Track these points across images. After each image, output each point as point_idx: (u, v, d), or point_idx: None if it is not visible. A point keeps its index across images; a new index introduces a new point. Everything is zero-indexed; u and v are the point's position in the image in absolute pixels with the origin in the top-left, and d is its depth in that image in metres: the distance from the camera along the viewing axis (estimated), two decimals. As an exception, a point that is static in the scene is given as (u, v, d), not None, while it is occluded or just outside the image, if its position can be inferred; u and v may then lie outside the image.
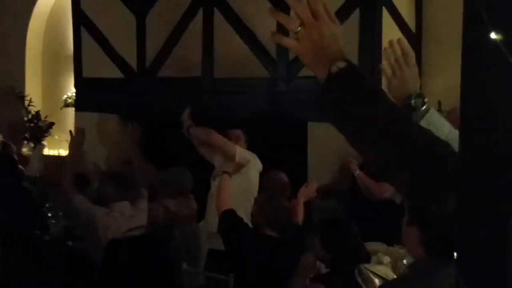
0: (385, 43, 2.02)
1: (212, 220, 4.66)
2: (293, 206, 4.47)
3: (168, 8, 6.90)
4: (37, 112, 8.11)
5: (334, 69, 1.33)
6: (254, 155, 5.03)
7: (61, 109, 8.47)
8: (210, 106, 6.51)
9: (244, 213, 4.28)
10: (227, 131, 5.11)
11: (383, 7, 5.81)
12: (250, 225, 4.02)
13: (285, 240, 3.83)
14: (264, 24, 6.25)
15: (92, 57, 7.48)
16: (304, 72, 6.02)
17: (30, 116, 8.04)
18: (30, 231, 3.80)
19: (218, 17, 6.51)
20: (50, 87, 8.99)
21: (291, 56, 6.06)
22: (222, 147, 4.94)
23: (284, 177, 4.93)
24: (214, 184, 4.97)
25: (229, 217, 3.92)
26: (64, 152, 8.51)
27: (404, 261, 3.88)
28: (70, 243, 4.79)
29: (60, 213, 5.39)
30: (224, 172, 4.32)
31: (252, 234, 3.87)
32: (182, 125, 5.16)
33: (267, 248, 3.74)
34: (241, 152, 4.89)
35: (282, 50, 6.10)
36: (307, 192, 4.70)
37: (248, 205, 4.45)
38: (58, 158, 8.19)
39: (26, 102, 8.08)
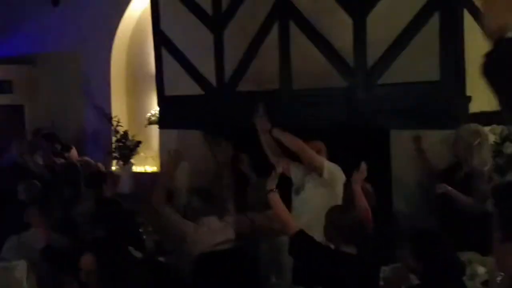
0: (467, 46, 2.00)
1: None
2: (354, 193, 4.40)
3: (244, 23, 7.01)
4: (125, 132, 8.40)
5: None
6: (339, 168, 4.86)
7: (145, 127, 8.74)
8: (290, 118, 6.55)
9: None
10: (308, 143, 4.95)
11: (464, 8, 5.66)
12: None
13: (362, 255, 3.74)
14: (340, 33, 6.28)
15: (173, 75, 7.69)
16: (384, 80, 5.99)
17: (118, 136, 8.32)
18: (123, 246, 3.95)
19: (294, 29, 6.57)
20: (134, 107, 9.30)
21: (370, 63, 6.05)
22: (310, 159, 4.77)
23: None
24: (295, 198, 4.94)
25: (301, 240, 3.82)
26: (150, 168, 8.79)
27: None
28: (161, 258, 4.93)
29: (150, 229, 5.56)
30: (271, 190, 4.09)
31: (327, 254, 3.76)
32: (257, 124, 4.99)
33: (345, 267, 3.66)
34: (328, 165, 4.77)
35: (360, 58, 6.09)
36: (360, 176, 4.62)
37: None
38: (146, 174, 8.46)
39: (115, 123, 8.37)
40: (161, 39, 7.78)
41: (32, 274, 5.07)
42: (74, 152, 7.97)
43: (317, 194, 4.74)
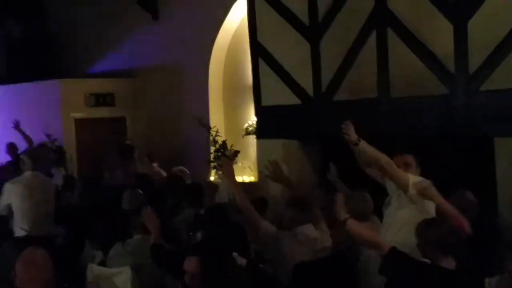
0: None
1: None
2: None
3: (340, 32, 7.04)
4: (224, 142, 8.61)
5: None
6: (430, 182, 4.69)
7: (242, 137, 8.92)
8: (388, 127, 6.52)
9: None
10: (396, 158, 4.83)
11: None
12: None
13: (462, 268, 3.64)
14: (439, 38, 6.20)
15: (270, 86, 7.82)
16: (487, 86, 5.86)
17: (217, 146, 8.54)
18: (227, 252, 4.07)
19: (391, 36, 6.53)
20: (231, 117, 9.52)
21: (471, 69, 5.94)
22: (395, 178, 4.69)
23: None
24: (386, 213, 4.90)
25: (395, 257, 3.74)
26: (247, 178, 8.95)
27: None
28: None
29: (249, 238, 5.67)
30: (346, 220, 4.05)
31: (424, 270, 3.65)
32: (345, 136, 4.86)
33: (444, 282, 3.56)
34: (414, 181, 4.64)
35: (461, 64, 5.99)
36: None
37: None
38: (244, 184, 8.63)
39: (213, 133, 8.60)
40: (258, 50, 7.93)
41: (136, 281, 5.29)
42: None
43: (404, 210, 4.66)
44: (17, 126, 9.44)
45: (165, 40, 10.14)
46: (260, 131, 8.12)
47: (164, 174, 8.39)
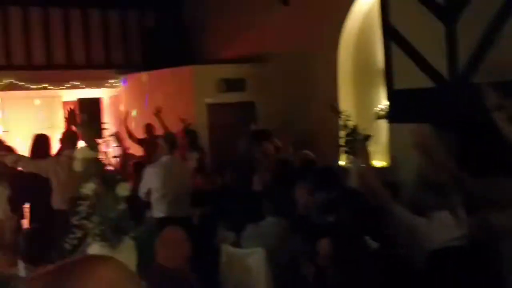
0: None
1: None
2: None
3: (478, 10, 6.78)
4: (355, 126, 8.58)
5: None
6: None
7: (373, 121, 8.83)
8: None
9: None
10: None
11: None
12: None
13: None
14: None
15: (402, 69, 7.67)
16: None
17: (348, 131, 8.52)
18: (360, 235, 4.08)
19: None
20: (362, 101, 9.44)
21: None
22: None
23: None
24: None
25: None
26: (377, 163, 8.85)
27: None
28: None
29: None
30: None
31: None
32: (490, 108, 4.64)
33: None
34: None
35: None
36: None
37: None
38: (375, 169, 8.55)
39: (343, 117, 8.59)
40: (390, 32, 7.78)
41: (268, 262, 5.41)
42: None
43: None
44: (157, 112, 9.87)
45: (295, 24, 10.19)
46: (392, 115, 7.99)
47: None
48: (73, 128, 7.50)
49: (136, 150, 10.00)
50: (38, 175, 7.19)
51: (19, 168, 7.35)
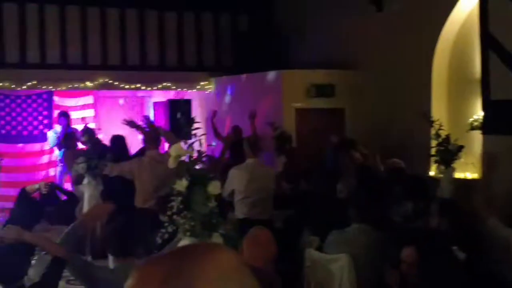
0: None
1: None
2: None
3: None
4: (447, 136, 8.42)
5: None
6: None
7: (466, 132, 8.63)
8: None
9: None
10: None
11: None
12: None
13: None
14: None
15: (500, 79, 7.49)
16: None
17: (440, 140, 8.38)
18: (447, 245, 4.03)
19: None
20: (455, 110, 9.25)
21: None
22: None
23: None
24: None
25: None
26: (470, 175, 8.65)
27: None
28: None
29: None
30: None
31: None
32: None
33: None
34: None
35: None
36: None
37: None
38: (466, 181, 8.37)
39: (436, 126, 8.46)
40: (488, 41, 7.63)
41: (353, 269, 5.40)
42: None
43: None
44: (252, 116, 10.02)
45: (389, 31, 10.11)
46: (487, 127, 7.81)
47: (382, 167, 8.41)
48: (155, 129, 7.74)
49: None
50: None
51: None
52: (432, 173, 8.95)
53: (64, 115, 11.99)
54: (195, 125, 4.27)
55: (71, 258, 4.14)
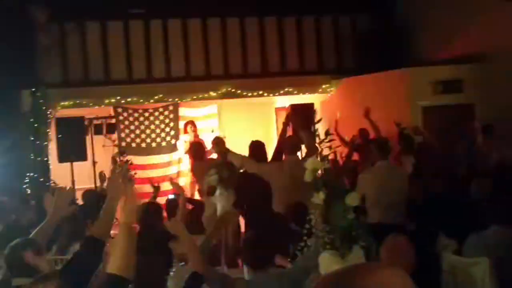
0: None
1: None
2: None
3: None
4: None
5: None
6: None
7: None
8: None
9: None
10: None
11: None
12: None
13: None
14: None
15: None
16: None
17: None
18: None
19: None
20: None
21: None
22: None
23: None
24: None
25: None
26: None
27: None
28: None
29: None
30: None
31: None
32: None
33: None
34: None
35: None
36: None
37: None
38: None
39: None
40: None
41: (495, 274, 5.34)
42: None
43: None
44: (366, 114, 10.10)
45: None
46: None
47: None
48: (296, 135, 7.96)
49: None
50: (261, 178, 7.71)
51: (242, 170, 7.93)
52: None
53: (193, 125, 12.49)
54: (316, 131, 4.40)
55: (209, 274, 4.34)
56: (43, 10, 10.64)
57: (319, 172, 3.93)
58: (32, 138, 10.51)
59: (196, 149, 10.27)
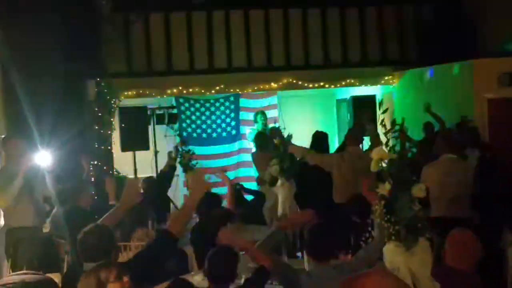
0: None
1: None
2: None
3: None
4: None
5: None
6: None
7: None
8: None
9: None
10: None
11: None
12: None
13: None
14: None
15: None
16: None
17: None
18: None
19: None
20: None
21: None
22: None
23: None
24: None
25: None
26: None
27: None
28: None
29: None
30: None
31: None
32: None
33: None
34: None
35: None
36: None
37: None
38: None
39: None
40: None
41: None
42: None
43: None
44: (428, 108, 9.98)
45: None
46: None
47: None
48: (358, 126, 7.95)
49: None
50: (322, 169, 7.73)
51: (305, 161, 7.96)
52: None
53: (262, 114, 12.44)
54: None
55: (275, 268, 4.37)
56: (108, 1, 10.84)
57: (384, 162, 3.90)
58: (96, 127, 10.72)
59: (261, 139, 10.33)
